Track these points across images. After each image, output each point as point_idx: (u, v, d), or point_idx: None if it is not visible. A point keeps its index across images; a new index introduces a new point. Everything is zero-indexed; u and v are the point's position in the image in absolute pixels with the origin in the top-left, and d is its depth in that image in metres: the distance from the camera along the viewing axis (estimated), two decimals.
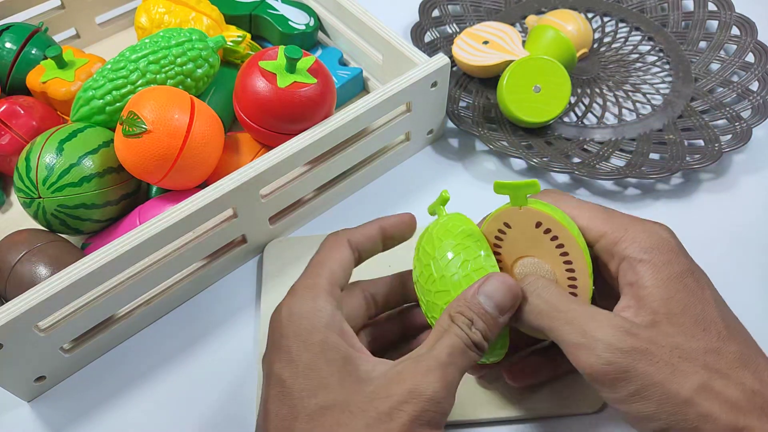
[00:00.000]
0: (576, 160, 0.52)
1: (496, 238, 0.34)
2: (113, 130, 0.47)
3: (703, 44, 0.62)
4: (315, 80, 0.45)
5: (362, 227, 0.36)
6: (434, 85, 0.49)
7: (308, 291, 0.32)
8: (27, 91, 0.54)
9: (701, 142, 0.53)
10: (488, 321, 0.30)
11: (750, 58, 0.59)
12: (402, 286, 0.38)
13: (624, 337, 0.28)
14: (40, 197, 0.43)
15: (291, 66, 0.44)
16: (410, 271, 0.38)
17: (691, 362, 0.28)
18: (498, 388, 0.40)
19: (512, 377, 0.37)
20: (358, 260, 0.36)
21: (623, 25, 0.65)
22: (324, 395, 0.29)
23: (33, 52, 0.54)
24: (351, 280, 0.36)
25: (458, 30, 0.63)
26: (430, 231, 0.35)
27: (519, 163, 0.54)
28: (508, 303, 0.31)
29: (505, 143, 0.52)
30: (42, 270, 0.41)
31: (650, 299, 0.30)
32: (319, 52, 0.59)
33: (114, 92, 0.46)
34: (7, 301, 0.37)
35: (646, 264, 0.31)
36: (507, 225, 0.34)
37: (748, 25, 0.61)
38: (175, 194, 0.45)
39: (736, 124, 0.53)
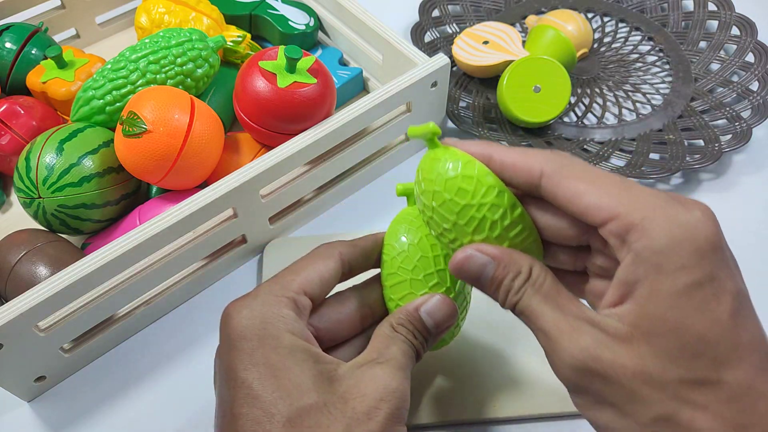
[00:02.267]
0: None
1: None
2: (113, 130, 0.47)
3: (703, 44, 0.62)
4: (315, 80, 0.45)
5: (359, 240, 0.35)
6: (434, 85, 0.49)
7: (272, 296, 0.31)
8: (27, 91, 0.54)
9: (701, 142, 0.53)
10: (426, 336, 0.32)
11: (750, 58, 0.59)
12: (378, 249, 0.36)
13: (581, 355, 0.26)
14: (40, 197, 0.43)
15: (291, 66, 0.44)
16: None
17: (657, 390, 0.25)
18: (498, 388, 0.40)
19: None
20: (349, 274, 0.35)
21: (623, 25, 0.65)
22: (299, 396, 0.28)
23: (33, 52, 0.54)
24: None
25: (458, 30, 0.63)
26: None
27: None
28: (446, 323, 0.33)
29: (505, 143, 0.52)
30: (42, 270, 0.41)
31: (638, 310, 0.26)
32: (319, 52, 0.59)
33: (114, 92, 0.46)
34: (7, 301, 0.37)
35: (651, 268, 0.26)
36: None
37: (748, 25, 0.61)
38: (175, 194, 0.45)
39: (736, 124, 0.53)
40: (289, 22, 0.57)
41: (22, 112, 0.49)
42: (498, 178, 0.29)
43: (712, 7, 0.63)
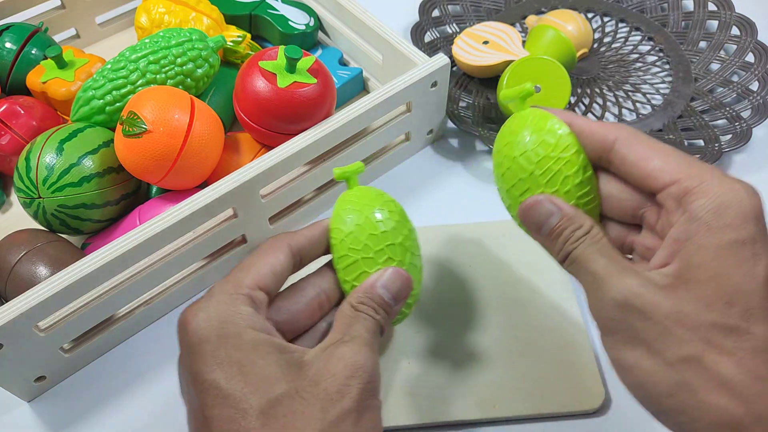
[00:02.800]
0: None
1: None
2: (113, 130, 0.47)
3: (703, 44, 0.62)
4: (315, 80, 0.45)
5: (305, 229, 0.36)
6: (434, 85, 0.49)
7: (226, 296, 0.31)
8: (27, 91, 0.54)
9: (701, 142, 0.53)
10: (387, 309, 0.33)
11: (750, 58, 0.59)
12: (325, 235, 0.37)
13: (625, 293, 0.29)
14: (40, 197, 0.43)
15: (291, 66, 0.44)
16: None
17: (689, 330, 0.27)
18: (498, 388, 0.40)
19: None
20: (300, 264, 0.36)
21: (623, 25, 0.65)
22: (268, 388, 0.28)
23: (33, 52, 0.54)
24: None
25: (458, 30, 0.63)
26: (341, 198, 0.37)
27: None
28: (403, 293, 0.34)
29: None
30: (42, 270, 0.41)
31: (683, 262, 0.29)
32: (319, 52, 0.59)
33: (114, 92, 0.46)
34: (7, 301, 0.37)
35: (702, 225, 0.28)
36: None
37: (748, 25, 0.61)
38: (175, 194, 0.45)
39: (736, 124, 0.53)
40: (289, 22, 0.57)
41: (22, 112, 0.49)
42: (577, 140, 0.33)
43: (712, 7, 0.63)
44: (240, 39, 0.54)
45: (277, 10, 0.58)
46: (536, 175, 0.33)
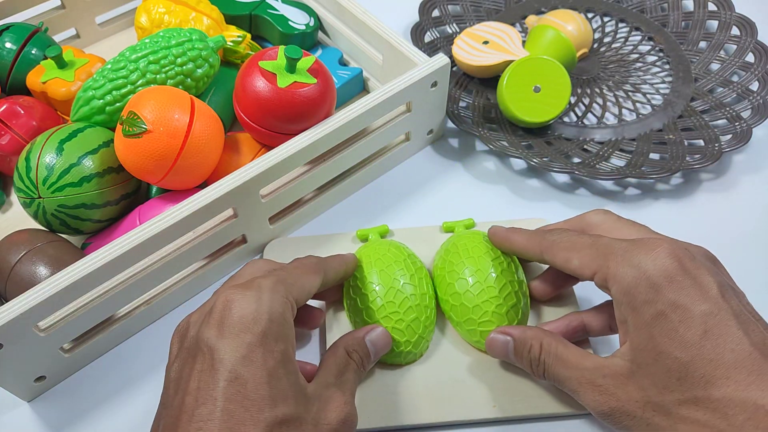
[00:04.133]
0: (576, 160, 0.52)
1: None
2: (113, 130, 0.47)
3: (703, 44, 0.62)
4: (315, 80, 0.45)
5: (332, 258, 0.39)
6: (434, 85, 0.49)
7: (280, 296, 0.32)
8: (27, 91, 0.54)
9: (701, 142, 0.53)
10: (367, 363, 0.37)
11: (750, 58, 0.59)
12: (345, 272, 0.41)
13: (604, 400, 0.32)
14: (40, 197, 0.43)
15: (291, 66, 0.44)
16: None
17: (666, 416, 0.29)
18: (498, 388, 0.40)
19: (537, 293, 0.42)
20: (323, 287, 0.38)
21: (623, 25, 0.65)
22: (283, 408, 0.29)
23: (33, 52, 0.54)
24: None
25: (458, 30, 0.63)
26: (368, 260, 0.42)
27: (519, 163, 0.54)
28: (383, 351, 0.38)
29: (505, 143, 0.52)
30: (42, 270, 0.41)
31: (632, 346, 0.31)
32: (319, 52, 0.59)
33: (114, 92, 0.46)
34: (7, 301, 0.37)
35: (625, 308, 0.31)
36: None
37: (748, 25, 0.61)
38: (175, 194, 0.45)
39: (736, 124, 0.53)
40: (289, 22, 0.57)
41: (22, 112, 0.49)
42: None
43: (712, 7, 0.63)
44: (240, 39, 0.54)
45: (277, 10, 0.58)
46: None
